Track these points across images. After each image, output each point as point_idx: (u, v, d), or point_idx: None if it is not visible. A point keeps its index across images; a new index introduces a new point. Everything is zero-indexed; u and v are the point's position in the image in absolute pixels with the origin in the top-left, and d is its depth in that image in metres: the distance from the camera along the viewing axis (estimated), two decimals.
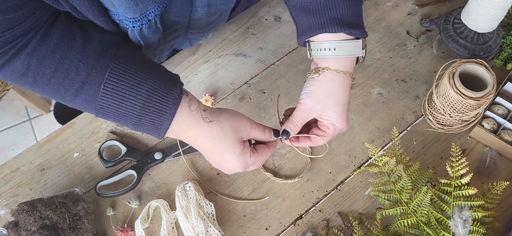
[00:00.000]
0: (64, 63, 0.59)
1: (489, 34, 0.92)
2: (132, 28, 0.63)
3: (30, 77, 0.59)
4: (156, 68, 0.63)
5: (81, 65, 0.59)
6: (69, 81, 0.59)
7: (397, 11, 1.01)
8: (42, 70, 0.59)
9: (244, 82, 0.93)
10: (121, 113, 0.61)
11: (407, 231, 0.73)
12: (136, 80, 0.60)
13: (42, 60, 0.58)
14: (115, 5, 0.58)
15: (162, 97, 0.60)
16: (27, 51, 0.57)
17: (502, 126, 0.84)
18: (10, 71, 0.59)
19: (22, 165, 0.84)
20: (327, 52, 0.67)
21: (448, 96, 0.79)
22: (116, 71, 0.60)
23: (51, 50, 0.58)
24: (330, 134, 0.70)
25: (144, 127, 0.62)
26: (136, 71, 0.60)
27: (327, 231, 0.79)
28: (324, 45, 0.67)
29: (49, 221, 0.73)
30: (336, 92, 0.68)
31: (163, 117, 0.61)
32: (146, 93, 0.60)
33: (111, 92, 0.60)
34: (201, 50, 0.96)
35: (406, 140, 0.86)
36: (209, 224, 0.77)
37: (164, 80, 0.61)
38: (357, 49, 0.67)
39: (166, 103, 0.61)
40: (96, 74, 0.59)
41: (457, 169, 0.70)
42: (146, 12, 0.61)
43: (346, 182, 0.83)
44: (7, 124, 1.95)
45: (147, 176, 0.84)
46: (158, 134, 0.63)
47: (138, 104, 0.60)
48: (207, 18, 0.78)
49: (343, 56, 0.67)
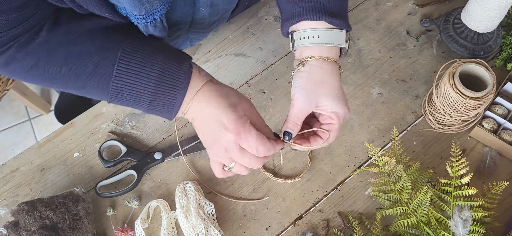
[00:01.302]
0: (74, 49, 0.59)
1: (489, 34, 0.92)
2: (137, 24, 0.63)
3: (40, 69, 0.59)
4: (164, 45, 0.64)
5: (92, 49, 0.59)
6: (81, 67, 0.59)
7: (397, 11, 1.01)
8: (54, 59, 0.58)
9: (244, 82, 0.93)
10: (135, 93, 0.61)
11: (407, 231, 0.73)
12: (149, 58, 0.60)
13: (51, 50, 0.58)
14: (120, 1, 0.58)
15: (174, 72, 0.61)
16: (35, 44, 0.57)
17: (502, 126, 0.84)
18: (19, 66, 0.59)
19: (22, 165, 0.84)
20: (310, 40, 0.66)
21: (448, 96, 0.79)
22: (128, 51, 0.60)
23: (60, 38, 0.58)
24: (335, 123, 0.67)
25: (158, 105, 0.62)
26: (147, 49, 0.61)
27: (327, 231, 0.79)
28: (307, 33, 0.66)
29: (49, 221, 0.73)
30: (326, 78, 0.66)
31: (177, 91, 0.61)
32: (159, 70, 0.60)
33: (124, 72, 0.59)
34: (201, 50, 0.96)
35: (406, 140, 0.86)
36: (209, 224, 0.77)
37: (174, 56, 0.62)
38: (340, 39, 0.67)
39: (179, 78, 0.61)
40: (108, 55, 0.59)
41: (457, 169, 0.70)
42: (151, 11, 0.61)
43: (346, 182, 0.83)
44: (7, 124, 1.95)
45: (147, 176, 0.84)
46: (171, 110, 0.62)
47: (152, 81, 0.60)
48: (209, 18, 0.78)
49: (326, 44, 0.66)
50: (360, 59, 0.95)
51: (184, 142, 0.85)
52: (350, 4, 1.02)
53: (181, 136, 0.87)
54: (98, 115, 0.89)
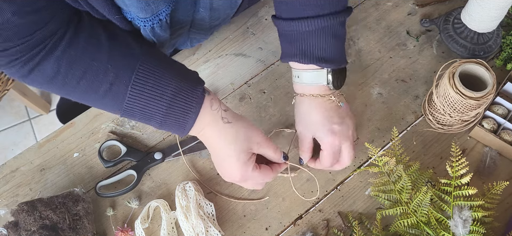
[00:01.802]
0: (93, 65, 0.60)
1: (489, 34, 0.92)
2: (143, 27, 0.64)
3: (59, 81, 0.60)
4: (178, 67, 0.65)
5: (109, 66, 0.60)
6: (98, 83, 0.61)
7: (397, 11, 1.01)
8: (72, 72, 0.59)
9: (244, 82, 0.93)
10: (147, 114, 0.62)
11: (407, 231, 0.73)
12: (162, 81, 0.61)
13: (72, 63, 0.59)
14: (127, 4, 0.58)
15: (187, 97, 0.62)
16: (57, 54, 0.58)
17: (502, 126, 0.84)
18: (40, 75, 0.59)
19: (22, 165, 0.84)
20: (295, 78, 0.76)
21: (448, 96, 0.79)
22: (142, 72, 0.61)
23: (80, 52, 0.59)
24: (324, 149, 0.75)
25: (169, 126, 0.64)
26: (161, 71, 0.62)
27: (327, 231, 0.79)
28: (295, 72, 0.76)
29: (49, 221, 0.73)
30: (308, 111, 0.75)
31: (188, 116, 0.63)
32: (172, 93, 0.61)
33: (138, 93, 0.61)
34: (201, 50, 0.96)
35: (406, 140, 0.86)
36: (209, 224, 0.77)
37: (188, 80, 0.63)
38: (320, 78, 0.73)
39: (191, 103, 0.62)
40: (123, 75, 0.60)
41: (457, 169, 0.70)
42: (157, 12, 0.62)
43: (346, 182, 0.83)
44: (7, 124, 1.95)
45: (147, 176, 0.84)
46: (181, 132, 0.65)
47: (164, 104, 0.61)
48: (210, 22, 0.79)
49: (305, 84, 0.74)
50: (360, 59, 0.95)
51: (184, 142, 0.85)
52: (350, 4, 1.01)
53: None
54: (98, 116, 0.89)
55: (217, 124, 0.65)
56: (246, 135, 0.66)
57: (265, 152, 0.69)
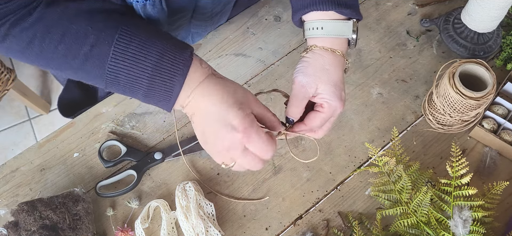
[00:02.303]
0: (71, 27, 0.57)
1: (489, 34, 0.92)
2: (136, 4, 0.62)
3: (36, 46, 0.57)
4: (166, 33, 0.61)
5: (89, 29, 0.57)
6: (77, 46, 0.57)
7: (397, 11, 1.01)
8: (49, 36, 0.57)
9: (244, 82, 0.93)
10: (131, 78, 0.58)
11: (407, 231, 0.73)
12: (147, 42, 0.58)
13: (48, 26, 0.56)
14: None
15: (173, 58, 0.58)
16: (32, 19, 0.56)
17: (502, 126, 0.84)
18: (15, 42, 0.57)
19: (22, 165, 0.84)
20: (315, 31, 0.67)
21: (448, 96, 0.79)
22: (126, 33, 0.58)
23: (58, 15, 0.57)
24: (324, 112, 0.66)
25: (155, 92, 0.59)
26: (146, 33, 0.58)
27: (327, 231, 0.79)
28: (313, 24, 0.67)
29: (49, 221, 0.73)
30: (327, 67, 0.66)
31: (175, 79, 0.58)
32: (157, 55, 0.57)
33: (121, 54, 0.57)
34: (201, 50, 0.96)
35: (406, 140, 0.86)
36: (209, 224, 0.77)
37: (174, 43, 0.59)
38: (346, 30, 0.66)
39: (177, 65, 0.58)
40: (105, 36, 0.57)
41: (457, 169, 0.70)
42: None
43: (346, 182, 0.83)
44: (7, 124, 1.95)
45: (147, 176, 0.84)
46: (168, 100, 0.59)
47: (149, 66, 0.57)
48: (212, 7, 0.77)
49: (330, 36, 0.66)
50: (360, 59, 0.95)
51: (184, 142, 0.85)
52: None
53: (181, 136, 0.87)
54: (98, 116, 0.89)
55: (210, 79, 0.60)
56: (244, 91, 0.61)
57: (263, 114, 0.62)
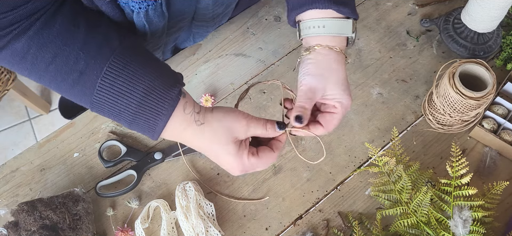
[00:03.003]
0: (64, 50, 0.57)
1: (489, 34, 0.92)
2: (138, 11, 0.62)
3: (28, 62, 0.58)
4: (158, 65, 0.61)
5: (81, 54, 0.57)
6: (67, 70, 0.58)
7: (397, 11, 1.01)
8: (42, 54, 0.57)
9: (244, 82, 0.93)
10: (116, 110, 0.59)
11: (407, 231, 0.73)
12: (135, 77, 0.58)
13: (42, 45, 0.57)
14: None
15: (159, 97, 0.58)
16: (29, 34, 0.56)
17: (502, 126, 0.84)
18: (10, 54, 0.57)
19: (22, 165, 0.84)
20: (316, 29, 0.66)
21: (448, 96, 0.79)
22: (115, 65, 0.58)
23: (53, 35, 0.57)
24: (339, 112, 0.65)
25: (139, 126, 0.60)
26: (136, 67, 0.58)
27: (327, 231, 0.79)
28: (313, 22, 0.66)
29: (49, 221, 0.73)
30: (334, 66, 0.65)
31: (158, 118, 0.59)
32: (143, 92, 0.58)
33: (107, 86, 0.58)
34: (201, 50, 0.96)
35: (406, 140, 0.86)
36: (209, 224, 0.77)
37: (164, 79, 0.59)
38: (347, 29, 0.66)
39: (162, 104, 0.59)
40: (95, 65, 0.57)
41: (457, 169, 0.70)
42: None
43: (346, 182, 0.83)
44: (7, 124, 1.95)
45: (147, 176, 0.84)
46: (152, 135, 0.61)
47: (133, 102, 0.58)
48: (213, 9, 0.77)
49: (332, 34, 0.65)
50: (360, 59, 0.95)
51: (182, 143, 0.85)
52: None
53: None
54: (98, 116, 0.89)
55: (192, 128, 0.61)
56: (225, 126, 0.61)
57: (254, 132, 0.63)
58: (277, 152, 0.65)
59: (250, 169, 0.63)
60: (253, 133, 0.63)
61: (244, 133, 0.62)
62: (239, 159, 0.62)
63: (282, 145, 0.66)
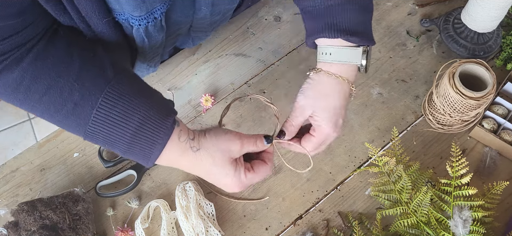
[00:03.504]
0: (58, 81, 0.57)
1: (489, 34, 0.92)
2: (138, 27, 0.63)
3: (21, 93, 0.57)
4: (152, 95, 0.62)
5: (76, 85, 0.57)
6: (61, 101, 0.58)
7: (397, 11, 1.01)
8: (35, 86, 0.57)
9: (244, 82, 0.93)
10: (111, 140, 0.59)
11: (407, 231, 0.73)
12: (130, 108, 0.58)
13: (36, 76, 0.56)
14: (121, 3, 0.57)
15: (154, 127, 0.59)
16: (23, 65, 0.56)
17: (502, 126, 0.84)
18: (2, 84, 0.57)
19: (22, 165, 0.84)
20: (324, 56, 0.68)
21: (448, 96, 0.79)
22: (110, 96, 0.58)
23: (47, 66, 0.57)
24: (315, 136, 0.68)
25: (133, 155, 0.61)
26: (131, 98, 0.59)
27: (327, 231, 0.79)
28: (324, 49, 0.68)
29: (49, 221, 0.73)
30: (328, 92, 0.68)
31: (154, 147, 0.60)
32: (138, 122, 0.58)
33: (102, 118, 0.58)
34: (201, 50, 0.96)
35: (406, 140, 0.86)
36: (209, 224, 0.77)
37: (157, 110, 0.60)
38: (354, 57, 0.67)
39: (158, 134, 0.59)
40: (89, 97, 0.58)
41: (457, 169, 0.70)
42: (152, 9, 0.61)
43: (346, 182, 0.83)
44: (7, 124, 1.95)
45: (147, 176, 0.84)
46: (146, 162, 0.62)
47: (129, 132, 0.58)
48: (210, 18, 0.78)
49: (338, 62, 0.68)
50: None
51: None
52: None
53: None
54: None
55: (188, 155, 0.62)
56: (220, 149, 0.63)
57: (247, 149, 0.65)
58: (270, 163, 0.68)
59: (248, 184, 0.66)
60: (246, 150, 0.65)
61: (238, 152, 0.64)
62: (237, 178, 0.64)
63: (272, 156, 0.69)
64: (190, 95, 0.91)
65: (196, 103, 0.90)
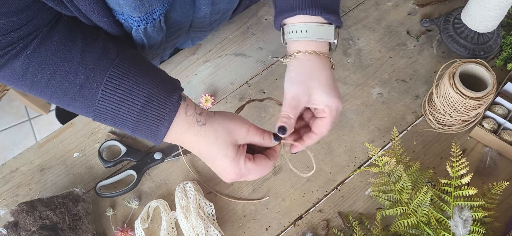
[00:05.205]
0: (63, 65, 0.58)
1: (489, 34, 0.92)
2: (136, 28, 0.63)
3: (28, 80, 0.59)
4: (156, 73, 0.62)
5: (80, 68, 0.59)
6: (67, 84, 0.59)
7: (397, 11, 1.01)
8: (41, 72, 0.58)
9: (244, 82, 0.93)
10: (118, 118, 0.60)
11: (407, 231, 0.73)
12: (135, 85, 0.59)
13: (41, 62, 0.58)
14: (120, 4, 0.58)
15: (160, 103, 0.60)
16: (27, 52, 0.57)
17: (502, 126, 0.84)
18: (9, 73, 0.59)
19: (22, 165, 0.84)
20: (298, 34, 0.66)
21: (448, 96, 0.79)
22: (115, 75, 0.59)
23: (51, 52, 0.58)
24: (328, 116, 0.65)
25: (141, 132, 0.61)
26: (135, 76, 0.59)
27: (327, 231, 0.79)
28: (297, 27, 0.66)
29: (49, 221, 0.73)
30: (316, 72, 0.66)
31: (161, 123, 0.60)
32: (145, 99, 0.59)
33: (109, 96, 0.59)
34: (201, 50, 0.96)
35: (406, 140, 0.86)
36: (209, 224, 0.77)
37: (163, 86, 0.61)
38: (329, 34, 0.67)
39: (164, 110, 0.60)
40: (94, 78, 0.59)
41: (457, 169, 0.70)
42: (151, 11, 0.61)
43: (346, 182, 0.83)
44: (7, 124, 1.95)
45: (147, 176, 0.84)
46: (155, 140, 0.62)
47: (136, 109, 0.59)
48: (210, 17, 0.78)
49: (317, 39, 0.66)
50: (360, 59, 0.95)
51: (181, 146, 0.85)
52: (350, 4, 1.02)
53: None
54: None
55: (193, 129, 0.62)
56: (226, 128, 0.62)
57: (252, 140, 0.64)
58: (273, 160, 0.66)
59: (245, 174, 0.64)
60: (251, 139, 0.64)
61: (243, 138, 0.63)
62: (236, 163, 0.63)
63: (277, 155, 0.67)
64: (190, 95, 0.91)
65: (196, 103, 0.90)
